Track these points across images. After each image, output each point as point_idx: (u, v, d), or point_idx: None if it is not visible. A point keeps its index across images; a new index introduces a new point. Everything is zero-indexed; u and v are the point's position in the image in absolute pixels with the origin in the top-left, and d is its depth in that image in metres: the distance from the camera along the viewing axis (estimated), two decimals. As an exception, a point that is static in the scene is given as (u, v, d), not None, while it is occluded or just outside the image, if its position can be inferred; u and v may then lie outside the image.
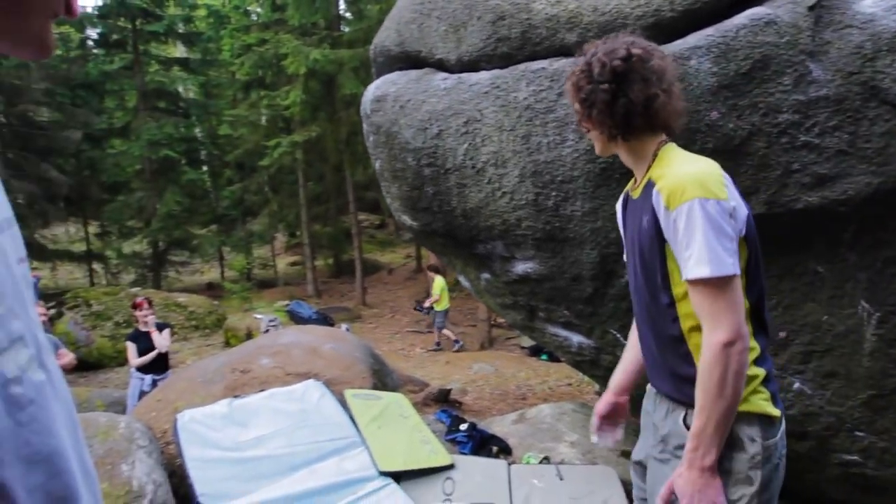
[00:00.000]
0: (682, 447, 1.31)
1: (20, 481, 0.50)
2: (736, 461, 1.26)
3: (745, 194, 2.26)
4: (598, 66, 1.34)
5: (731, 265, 1.19)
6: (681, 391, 1.35)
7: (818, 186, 2.23)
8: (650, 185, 1.32)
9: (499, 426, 4.23)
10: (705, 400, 1.19)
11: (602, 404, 1.67)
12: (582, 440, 3.77)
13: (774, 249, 2.45)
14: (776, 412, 1.30)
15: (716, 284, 1.19)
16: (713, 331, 1.20)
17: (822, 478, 2.59)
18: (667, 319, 1.34)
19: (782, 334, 2.47)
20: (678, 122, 1.41)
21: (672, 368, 1.37)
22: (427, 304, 10.57)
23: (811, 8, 2.21)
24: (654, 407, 1.49)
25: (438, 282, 10.38)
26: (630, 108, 1.31)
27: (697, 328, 1.29)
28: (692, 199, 1.19)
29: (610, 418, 1.67)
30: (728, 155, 2.22)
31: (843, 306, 2.35)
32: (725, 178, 1.27)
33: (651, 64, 1.33)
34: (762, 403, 1.28)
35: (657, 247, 1.30)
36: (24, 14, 0.56)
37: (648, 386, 1.56)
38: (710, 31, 2.19)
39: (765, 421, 1.28)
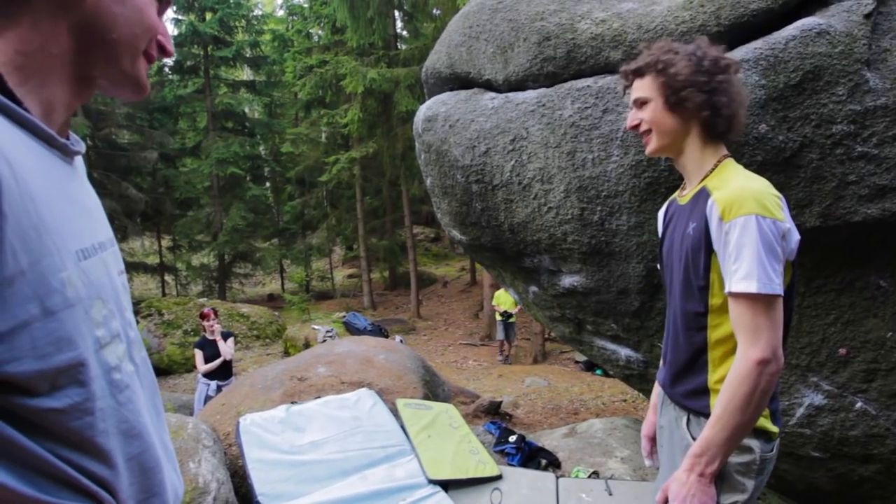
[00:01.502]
0: (686, 449, 1.32)
1: (121, 451, 0.63)
2: (733, 469, 1.28)
3: (798, 206, 2.23)
4: (703, 73, 1.34)
5: (777, 285, 1.20)
6: (688, 398, 1.38)
7: (878, 198, 2.16)
8: (704, 194, 1.32)
9: (548, 439, 4.21)
10: (725, 411, 1.20)
11: (647, 426, 1.69)
12: (633, 456, 3.71)
13: (832, 263, 2.37)
14: (775, 429, 1.32)
15: (760, 301, 1.19)
16: (751, 347, 1.20)
17: (890, 504, 2.47)
18: (694, 327, 1.35)
19: (842, 351, 2.38)
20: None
21: (686, 375, 1.39)
22: (509, 310, 10.29)
23: (868, 16, 2.16)
24: (661, 412, 1.52)
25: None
26: (718, 118, 1.35)
27: (722, 341, 1.31)
28: (749, 214, 1.20)
29: (655, 437, 1.67)
30: (778, 167, 2.19)
31: (908, 323, 2.26)
32: (782, 201, 1.28)
33: (738, 77, 1.38)
34: (762, 420, 1.30)
35: (703, 255, 1.31)
36: (115, 60, 0.67)
37: (658, 391, 1.58)
38: (757, 43, 2.18)
39: (763, 435, 1.30)
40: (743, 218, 1.20)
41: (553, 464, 3.71)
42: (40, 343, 0.53)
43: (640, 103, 1.40)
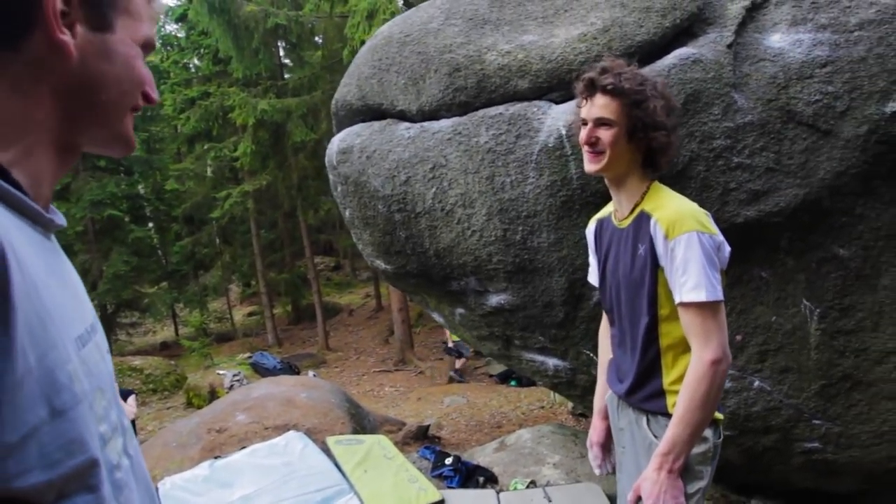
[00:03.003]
0: (649, 447, 1.46)
1: None
2: (693, 460, 1.41)
3: (692, 214, 2.51)
4: (668, 115, 1.45)
5: (720, 292, 1.36)
6: (646, 401, 1.51)
7: (754, 201, 2.48)
8: (644, 217, 1.45)
9: (481, 456, 4.28)
10: (687, 410, 1.33)
11: (596, 433, 1.78)
12: (564, 460, 3.87)
13: (723, 261, 2.69)
14: (721, 416, 1.50)
15: (708, 308, 1.34)
16: (703, 349, 1.33)
17: (789, 468, 2.79)
18: (648, 338, 1.49)
19: (738, 338, 2.68)
20: None
21: (643, 382, 1.52)
22: (452, 344, 10.05)
23: (729, 46, 2.50)
24: (617, 415, 1.64)
25: None
26: (665, 157, 1.49)
27: (672, 346, 1.46)
28: (691, 231, 1.35)
29: (605, 443, 1.79)
30: (673, 179, 2.45)
31: (787, 306, 2.59)
32: (710, 217, 1.44)
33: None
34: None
35: (650, 272, 1.44)
36: (105, 122, 0.61)
37: (609, 396, 1.71)
38: (645, 70, 2.44)
39: (713, 424, 1.46)
40: (686, 235, 1.35)
41: (491, 480, 3.78)
42: (49, 449, 0.47)
43: (601, 123, 1.44)
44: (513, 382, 9.28)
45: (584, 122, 1.48)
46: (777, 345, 2.66)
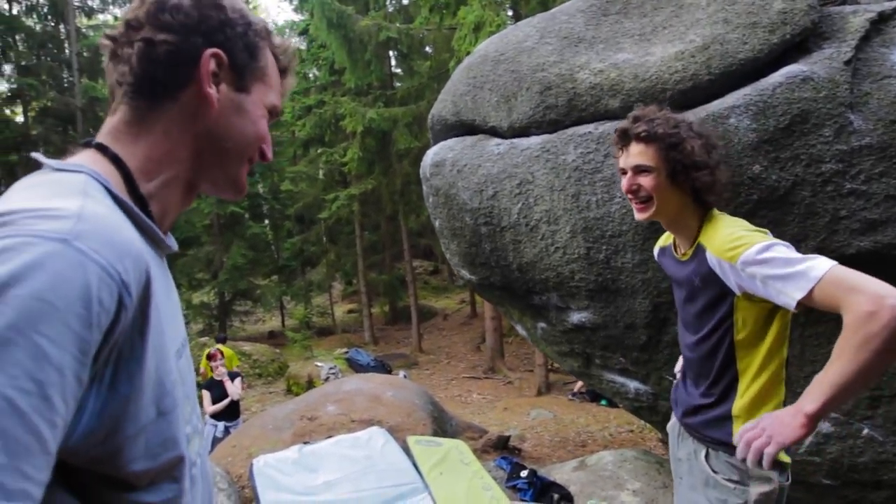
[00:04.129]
0: (706, 481, 1.40)
1: None
2: (755, 500, 1.34)
3: (794, 242, 2.33)
4: (708, 153, 1.45)
5: (821, 261, 1.18)
6: (709, 427, 1.46)
7: (869, 231, 2.27)
8: (701, 250, 1.42)
9: (559, 473, 4.22)
10: (837, 356, 1.12)
11: None
12: (645, 489, 3.73)
13: (830, 294, 2.48)
14: (787, 459, 1.39)
15: (827, 282, 1.15)
16: (850, 309, 1.11)
17: (901, 529, 2.50)
18: (723, 364, 1.44)
19: (845, 380, 2.46)
20: None
21: (712, 406, 1.47)
22: (577, 390, 9.72)
23: (847, 62, 2.32)
24: (677, 445, 1.60)
25: None
26: (713, 193, 1.46)
27: (746, 371, 1.41)
28: (750, 246, 1.28)
29: None
30: (773, 205, 2.31)
31: (906, 350, 2.34)
32: (768, 233, 1.38)
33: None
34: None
35: (724, 304, 1.39)
36: (225, 166, 0.73)
37: (671, 425, 1.66)
38: (747, 90, 2.33)
39: (778, 466, 1.36)
40: (746, 252, 1.28)
41: (565, 498, 3.72)
42: (153, 444, 0.57)
43: (640, 170, 1.45)
44: (603, 402, 8.99)
45: (624, 172, 1.50)
46: (892, 391, 2.40)
